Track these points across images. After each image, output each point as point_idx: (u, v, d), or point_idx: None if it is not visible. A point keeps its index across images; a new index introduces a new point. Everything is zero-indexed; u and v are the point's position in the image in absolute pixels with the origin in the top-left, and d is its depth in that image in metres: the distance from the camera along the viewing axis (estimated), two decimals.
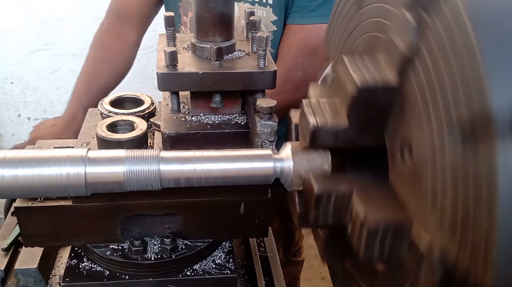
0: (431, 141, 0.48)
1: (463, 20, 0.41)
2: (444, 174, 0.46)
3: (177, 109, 0.90)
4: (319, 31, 1.37)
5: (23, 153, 0.63)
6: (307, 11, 1.37)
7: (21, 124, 3.45)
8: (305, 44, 1.39)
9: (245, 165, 0.68)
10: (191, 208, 0.91)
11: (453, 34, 0.43)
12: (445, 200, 0.46)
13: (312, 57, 1.38)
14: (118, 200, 0.88)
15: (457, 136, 0.43)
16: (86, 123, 1.00)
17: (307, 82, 1.52)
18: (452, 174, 0.44)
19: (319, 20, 1.36)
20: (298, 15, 1.39)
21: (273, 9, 1.39)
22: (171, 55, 0.81)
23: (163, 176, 0.66)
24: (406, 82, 0.52)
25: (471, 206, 0.42)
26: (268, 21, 1.41)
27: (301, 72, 1.38)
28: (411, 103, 0.52)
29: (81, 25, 3.11)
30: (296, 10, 1.38)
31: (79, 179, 0.63)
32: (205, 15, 0.85)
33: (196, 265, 0.93)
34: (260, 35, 0.84)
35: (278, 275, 1.03)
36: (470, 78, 0.41)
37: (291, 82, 1.37)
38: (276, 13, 1.40)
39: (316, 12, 1.36)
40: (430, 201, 0.49)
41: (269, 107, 0.80)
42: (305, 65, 1.38)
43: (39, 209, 0.86)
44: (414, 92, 0.51)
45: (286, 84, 1.31)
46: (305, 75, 1.39)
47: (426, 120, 0.48)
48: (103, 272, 0.91)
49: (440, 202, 0.47)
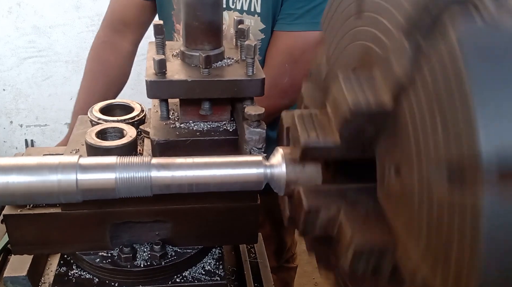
0: (419, 171, 0.48)
1: (458, 62, 0.42)
2: (431, 204, 0.47)
3: (166, 117, 0.91)
4: (304, 38, 1.39)
5: (14, 160, 0.63)
6: (293, 19, 1.39)
7: (13, 131, 3.44)
8: (291, 51, 1.41)
9: (236, 171, 0.68)
10: (181, 215, 0.91)
11: (447, 74, 0.43)
12: (431, 230, 0.47)
13: (298, 64, 1.40)
14: (107, 207, 0.88)
15: (445, 174, 0.44)
16: (76, 130, 1.00)
17: (293, 88, 1.53)
18: (438, 207, 0.45)
19: (304, 27, 1.38)
20: (284, 22, 1.40)
21: (261, 17, 1.41)
22: (160, 63, 0.82)
23: (154, 183, 0.66)
24: (400, 108, 0.53)
25: (455, 239, 0.43)
26: (256, 30, 1.42)
27: (287, 78, 1.40)
28: (403, 128, 0.52)
29: (73, 32, 3.12)
30: (283, 17, 1.40)
31: (70, 186, 0.63)
32: (194, 23, 0.86)
33: (185, 271, 0.93)
34: (249, 44, 0.85)
35: (268, 281, 1.03)
36: (461, 122, 0.41)
37: (278, 88, 1.38)
38: (264, 21, 1.42)
39: (302, 20, 1.38)
40: (415, 227, 0.50)
41: (257, 114, 0.81)
42: (291, 71, 1.40)
43: (28, 217, 0.86)
44: (407, 120, 0.51)
45: (272, 90, 1.32)
46: (291, 81, 1.40)
47: (416, 152, 0.49)
48: (92, 279, 0.91)
49: (425, 232, 0.48)
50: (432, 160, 0.46)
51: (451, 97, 0.43)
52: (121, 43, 1.61)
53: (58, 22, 3.09)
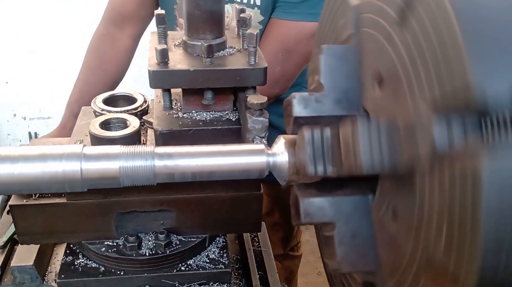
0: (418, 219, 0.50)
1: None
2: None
3: (169, 107, 0.91)
4: (299, 29, 1.38)
5: (19, 150, 0.64)
6: (290, 7, 1.38)
7: (17, 124, 3.46)
8: (285, 40, 1.40)
9: (239, 159, 0.69)
10: (185, 204, 0.92)
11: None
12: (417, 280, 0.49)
13: (291, 54, 1.40)
14: (112, 197, 0.89)
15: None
16: (80, 121, 1.00)
17: (284, 77, 1.52)
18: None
19: (300, 17, 1.37)
20: (281, 10, 1.40)
21: (261, 10, 1.41)
22: (162, 52, 0.82)
23: (157, 171, 0.67)
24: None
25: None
26: (255, 22, 1.43)
27: (279, 67, 1.39)
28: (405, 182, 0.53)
29: (76, 25, 3.11)
30: (280, 5, 1.40)
31: (75, 175, 0.64)
32: (196, 12, 0.86)
33: (190, 260, 0.94)
34: (251, 32, 0.85)
35: (271, 269, 1.04)
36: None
37: (269, 76, 1.39)
38: (263, 13, 1.42)
39: (298, 9, 1.37)
40: (402, 267, 0.52)
41: (259, 103, 0.81)
42: (283, 61, 1.40)
43: (34, 207, 0.87)
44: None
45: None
46: (283, 70, 1.40)
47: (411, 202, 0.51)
48: (98, 268, 0.92)
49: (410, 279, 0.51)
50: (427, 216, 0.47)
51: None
52: (120, 37, 1.61)
53: (62, 15, 3.09)
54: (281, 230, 1.83)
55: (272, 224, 1.74)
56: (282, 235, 1.85)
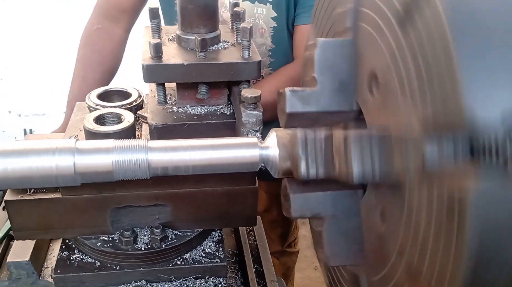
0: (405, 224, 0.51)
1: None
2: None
3: (163, 101, 0.91)
4: None
5: (12, 145, 0.64)
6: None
7: (12, 120, 3.45)
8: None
9: (232, 152, 0.69)
10: (180, 199, 0.92)
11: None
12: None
13: None
14: (107, 191, 0.89)
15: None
16: (74, 116, 1.00)
17: None
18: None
19: None
20: (307, 15, 1.41)
21: (273, 6, 1.42)
22: (156, 47, 0.82)
23: (151, 165, 0.67)
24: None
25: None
26: (268, 18, 1.43)
27: None
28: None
29: (72, 21, 3.09)
30: (305, 10, 1.42)
31: (68, 169, 0.64)
32: (189, 6, 0.86)
33: (186, 254, 0.95)
34: (244, 26, 0.85)
35: (267, 263, 1.04)
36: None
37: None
38: (276, 9, 1.42)
39: None
40: (387, 269, 0.54)
41: (253, 97, 0.81)
42: None
43: (29, 202, 0.87)
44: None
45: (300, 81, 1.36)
46: None
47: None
48: (94, 263, 0.92)
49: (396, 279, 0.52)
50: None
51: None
52: (115, 30, 1.59)
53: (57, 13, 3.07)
54: (279, 227, 1.83)
55: (270, 221, 1.74)
56: (280, 232, 1.85)
